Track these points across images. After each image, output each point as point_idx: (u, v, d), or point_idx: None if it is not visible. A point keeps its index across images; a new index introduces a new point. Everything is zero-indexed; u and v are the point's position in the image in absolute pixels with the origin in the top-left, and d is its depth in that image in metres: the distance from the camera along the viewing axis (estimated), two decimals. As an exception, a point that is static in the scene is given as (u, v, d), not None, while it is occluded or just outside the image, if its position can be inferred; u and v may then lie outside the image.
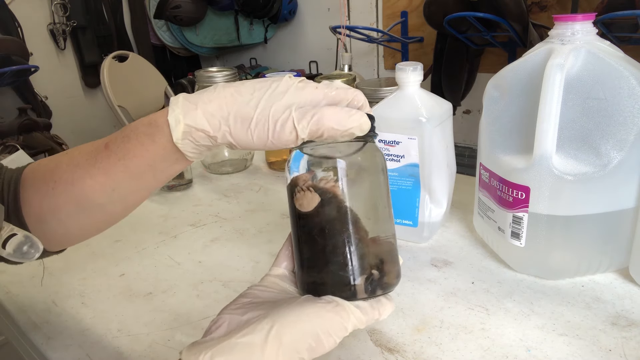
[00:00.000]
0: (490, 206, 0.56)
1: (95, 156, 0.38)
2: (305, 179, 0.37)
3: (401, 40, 1.87)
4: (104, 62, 2.41)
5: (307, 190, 0.37)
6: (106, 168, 0.37)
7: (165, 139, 0.35)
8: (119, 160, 0.37)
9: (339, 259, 0.36)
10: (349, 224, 0.36)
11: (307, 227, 0.37)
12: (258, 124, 0.34)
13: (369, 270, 0.36)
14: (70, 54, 2.74)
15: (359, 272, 0.36)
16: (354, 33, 1.65)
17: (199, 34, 2.74)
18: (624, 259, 0.51)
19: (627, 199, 0.48)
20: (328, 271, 0.36)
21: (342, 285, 0.35)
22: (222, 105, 0.34)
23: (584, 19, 0.48)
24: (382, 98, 0.62)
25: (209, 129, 0.34)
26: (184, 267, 0.60)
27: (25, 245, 0.37)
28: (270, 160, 0.95)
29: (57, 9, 2.60)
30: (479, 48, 1.50)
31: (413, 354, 0.43)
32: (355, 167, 0.37)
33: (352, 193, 0.36)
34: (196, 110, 0.34)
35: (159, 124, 0.36)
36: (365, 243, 0.36)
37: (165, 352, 0.46)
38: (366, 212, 0.37)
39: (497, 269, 0.55)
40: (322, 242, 0.36)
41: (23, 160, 0.90)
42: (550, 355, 0.42)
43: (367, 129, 0.35)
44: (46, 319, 0.52)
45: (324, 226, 0.36)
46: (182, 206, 0.79)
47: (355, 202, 0.36)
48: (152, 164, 0.37)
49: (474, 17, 1.08)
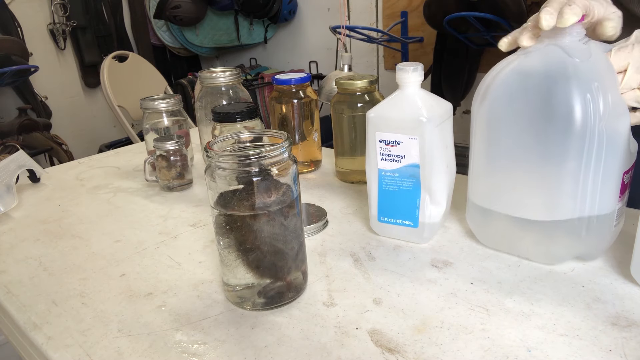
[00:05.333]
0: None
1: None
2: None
3: (401, 40, 1.87)
4: (104, 62, 2.41)
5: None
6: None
7: None
8: None
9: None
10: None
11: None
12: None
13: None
14: (70, 54, 2.74)
15: None
16: (354, 33, 1.65)
17: (199, 34, 2.74)
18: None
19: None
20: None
21: None
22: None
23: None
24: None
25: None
26: (184, 268, 0.60)
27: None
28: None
29: (57, 9, 2.60)
30: (479, 48, 1.49)
31: (413, 354, 0.43)
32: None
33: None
34: None
35: None
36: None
37: (166, 352, 0.46)
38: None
39: (497, 269, 0.55)
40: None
41: (23, 160, 0.91)
42: (551, 355, 0.42)
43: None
44: (46, 319, 0.52)
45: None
46: (182, 206, 0.79)
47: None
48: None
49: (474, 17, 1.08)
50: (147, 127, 0.91)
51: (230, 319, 0.50)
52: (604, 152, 0.49)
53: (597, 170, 0.49)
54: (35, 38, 2.55)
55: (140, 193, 0.86)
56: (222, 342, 0.46)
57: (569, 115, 0.47)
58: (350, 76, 0.80)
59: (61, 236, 0.71)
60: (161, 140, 0.82)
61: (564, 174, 0.50)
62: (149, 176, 0.88)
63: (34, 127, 2.21)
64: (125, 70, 2.51)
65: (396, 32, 1.89)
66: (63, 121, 2.71)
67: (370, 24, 2.13)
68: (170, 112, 0.90)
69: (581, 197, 0.50)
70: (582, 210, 0.51)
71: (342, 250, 0.62)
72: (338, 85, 0.79)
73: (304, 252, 0.53)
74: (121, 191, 0.88)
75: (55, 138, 2.29)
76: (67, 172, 1.00)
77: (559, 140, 0.49)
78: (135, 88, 2.48)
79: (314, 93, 0.90)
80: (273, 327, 0.48)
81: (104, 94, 2.41)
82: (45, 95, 2.59)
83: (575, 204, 0.51)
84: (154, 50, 2.95)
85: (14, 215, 0.80)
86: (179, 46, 2.90)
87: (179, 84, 2.67)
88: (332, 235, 0.66)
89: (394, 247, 0.62)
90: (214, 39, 2.77)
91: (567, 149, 0.49)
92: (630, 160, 0.52)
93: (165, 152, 0.83)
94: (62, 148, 2.27)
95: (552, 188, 0.51)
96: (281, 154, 0.47)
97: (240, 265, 0.49)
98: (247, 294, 0.50)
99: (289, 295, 0.51)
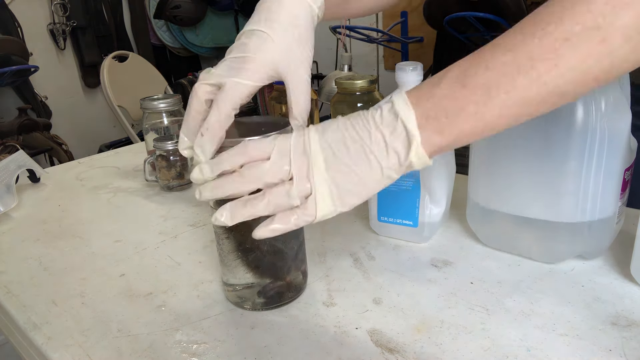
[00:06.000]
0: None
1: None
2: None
3: (401, 40, 1.87)
4: (104, 62, 2.41)
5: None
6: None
7: None
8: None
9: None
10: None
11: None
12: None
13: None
14: (70, 54, 2.74)
15: None
16: (354, 33, 1.65)
17: (199, 34, 2.74)
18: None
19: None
20: None
21: None
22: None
23: None
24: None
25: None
26: (184, 268, 0.60)
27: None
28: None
29: (57, 9, 2.60)
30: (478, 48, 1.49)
31: (413, 354, 0.43)
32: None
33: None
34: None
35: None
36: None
37: (165, 352, 0.46)
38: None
39: (497, 268, 0.55)
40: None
41: (23, 160, 0.91)
42: (551, 355, 0.42)
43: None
44: (46, 319, 0.52)
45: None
46: (182, 206, 0.79)
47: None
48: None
49: (474, 17, 1.08)
50: (147, 127, 0.91)
51: (230, 319, 0.50)
52: (605, 150, 0.49)
53: (599, 168, 0.49)
54: (35, 38, 2.55)
55: (140, 193, 0.86)
56: (222, 342, 0.46)
57: (570, 113, 0.47)
58: (350, 76, 0.80)
59: (61, 236, 0.71)
60: (161, 140, 0.82)
61: (566, 172, 0.50)
62: (149, 176, 0.88)
63: (34, 127, 2.21)
64: (125, 70, 2.51)
65: (396, 32, 1.89)
66: (63, 121, 2.71)
67: (370, 24, 2.12)
68: (170, 112, 0.90)
69: (583, 195, 0.50)
70: (584, 208, 0.51)
71: (341, 250, 0.62)
72: (338, 85, 0.79)
73: (303, 252, 0.53)
74: (121, 191, 0.88)
75: (55, 138, 2.29)
76: (67, 172, 1.00)
77: (560, 138, 0.49)
78: (135, 88, 2.48)
79: (314, 93, 0.90)
80: (273, 327, 0.48)
81: (104, 94, 2.41)
82: (45, 95, 2.59)
83: (577, 203, 0.51)
84: (154, 50, 2.95)
85: (14, 215, 0.80)
86: (179, 46, 2.90)
87: (179, 84, 2.67)
88: (332, 235, 0.66)
89: (394, 246, 0.62)
90: (214, 39, 2.77)
91: (568, 146, 0.49)
92: (630, 157, 0.52)
93: (165, 152, 0.83)
94: (62, 148, 2.27)
95: (554, 186, 0.51)
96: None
97: (240, 265, 0.49)
98: (247, 294, 0.50)
99: (288, 295, 0.51)
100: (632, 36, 0.30)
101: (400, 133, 0.36)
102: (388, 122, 0.36)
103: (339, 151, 0.37)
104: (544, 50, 0.31)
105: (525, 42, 0.32)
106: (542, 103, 0.33)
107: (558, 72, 0.31)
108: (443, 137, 0.35)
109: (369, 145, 0.37)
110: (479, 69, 0.34)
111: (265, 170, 0.39)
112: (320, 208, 0.38)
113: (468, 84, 0.34)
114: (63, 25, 2.63)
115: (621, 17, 0.30)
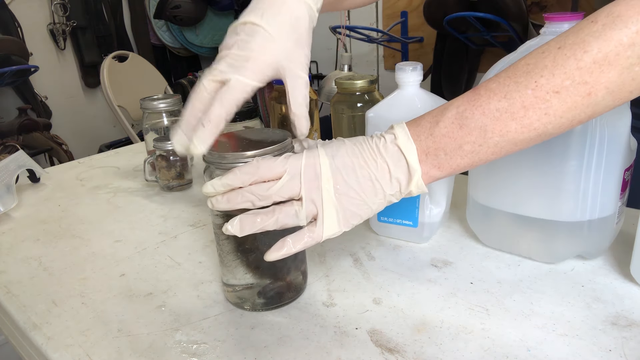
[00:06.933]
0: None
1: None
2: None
3: (401, 40, 1.87)
4: (104, 62, 2.41)
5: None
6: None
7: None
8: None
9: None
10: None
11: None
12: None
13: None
14: (70, 54, 2.73)
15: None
16: (354, 33, 1.65)
17: (199, 34, 2.74)
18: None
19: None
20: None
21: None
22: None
23: (573, 18, 0.49)
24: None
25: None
26: (184, 268, 0.60)
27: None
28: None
29: (57, 9, 2.60)
30: (478, 48, 1.49)
31: (413, 354, 0.43)
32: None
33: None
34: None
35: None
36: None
37: (165, 352, 0.46)
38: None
39: (497, 268, 0.55)
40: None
41: (23, 160, 0.91)
42: (551, 355, 0.42)
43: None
44: (46, 319, 0.52)
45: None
46: (182, 206, 0.79)
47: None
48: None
49: (474, 17, 1.08)
50: (147, 127, 0.91)
51: (230, 319, 0.50)
52: (605, 150, 0.49)
53: (599, 168, 0.49)
54: (35, 38, 2.55)
55: (140, 193, 0.86)
56: (222, 342, 0.46)
57: None
58: (350, 76, 0.80)
59: (61, 236, 0.71)
60: (161, 140, 0.82)
61: (566, 172, 0.50)
62: (149, 176, 0.88)
63: (34, 127, 2.21)
64: (125, 70, 2.51)
65: (396, 32, 1.89)
66: (63, 121, 2.71)
67: (370, 24, 2.12)
68: (170, 112, 0.90)
69: (583, 195, 0.50)
70: (584, 208, 0.51)
71: (341, 250, 0.62)
72: (338, 85, 0.79)
73: (303, 252, 0.53)
74: (121, 191, 0.88)
75: (55, 138, 2.29)
76: (67, 172, 1.00)
77: (560, 138, 0.49)
78: (135, 88, 2.48)
79: (314, 93, 0.90)
80: (273, 327, 0.48)
81: (104, 94, 2.41)
82: (45, 95, 2.59)
83: (577, 202, 0.51)
84: (154, 50, 2.95)
85: (14, 215, 0.80)
86: (179, 46, 2.90)
87: (179, 84, 2.67)
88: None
89: (394, 246, 0.62)
90: (214, 39, 2.77)
91: (568, 147, 0.49)
92: (630, 157, 0.52)
93: (165, 152, 0.83)
94: (62, 148, 2.27)
95: (554, 186, 0.51)
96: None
97: (239, 265, 0.49)
98: (246, 294, 0.50)
99: (288, 296, 0.51)
100: (614, 90, 0.34)
101: (402, 165, 0.41)
102: (392, 153, 0.41)
103: (348, 177, 0.41)
104: (536, 101, 0.36)
105: (519, 92, 0.36)
106: (530, 142, 0.38)
107: (547, 119, 0.36)
108: (441, 171, 0.40)
109: (375, 172, 0.41)
110: (476, 112, 0.38)
111: (276, 190, 0.41)
112: (327, 229, 0.42)
113: (465, 126, 0.38)
114: (63, 25, 2.63)
115: (606, 74, 0.34)
